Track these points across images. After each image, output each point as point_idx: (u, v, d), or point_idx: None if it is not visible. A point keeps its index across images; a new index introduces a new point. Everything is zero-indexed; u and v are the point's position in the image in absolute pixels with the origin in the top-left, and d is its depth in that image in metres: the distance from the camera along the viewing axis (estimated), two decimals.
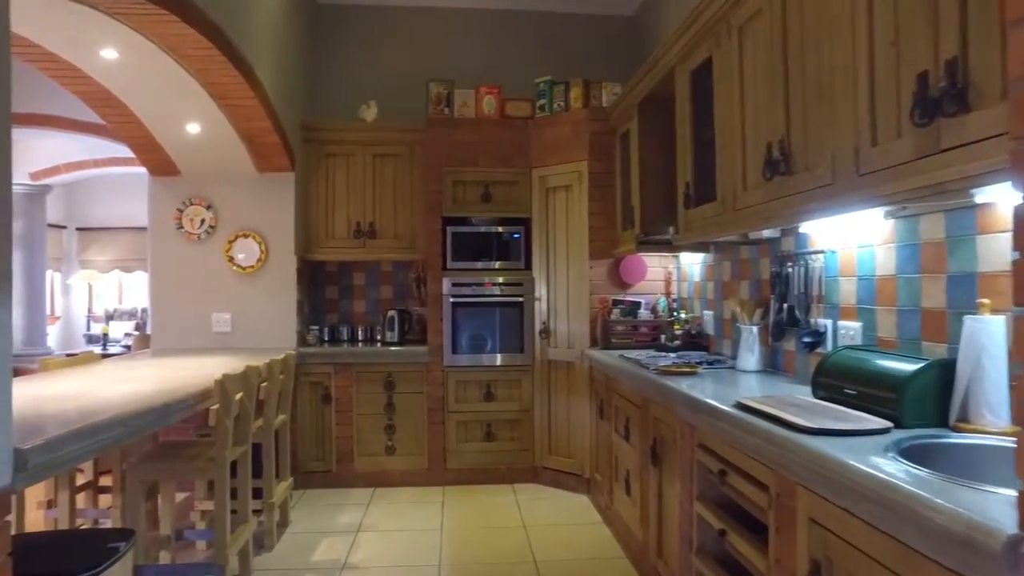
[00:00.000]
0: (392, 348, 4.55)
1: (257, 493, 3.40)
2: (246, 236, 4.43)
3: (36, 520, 3.54)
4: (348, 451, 4.48)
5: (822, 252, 2.53)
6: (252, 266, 4.44)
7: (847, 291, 2.38)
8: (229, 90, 3.55)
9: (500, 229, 4.64)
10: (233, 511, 2.98)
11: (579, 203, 4.39)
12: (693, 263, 4.06)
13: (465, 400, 4.54)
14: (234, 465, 2.97)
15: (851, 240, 2.35)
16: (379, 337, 4.78)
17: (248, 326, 4.46)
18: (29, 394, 2.47)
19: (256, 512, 3.32)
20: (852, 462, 1.33)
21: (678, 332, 3.85)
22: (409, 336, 4.81)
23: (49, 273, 8.97)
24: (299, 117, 4.62)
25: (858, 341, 2.28)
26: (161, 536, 3.05)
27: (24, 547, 1.63)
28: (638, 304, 4.27)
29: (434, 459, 4.51)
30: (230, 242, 4.43)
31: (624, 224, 4.14)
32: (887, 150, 1.58)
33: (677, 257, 4.32)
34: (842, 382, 1.97)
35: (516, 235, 4.65)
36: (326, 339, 4.78)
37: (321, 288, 5.04)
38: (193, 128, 3.94)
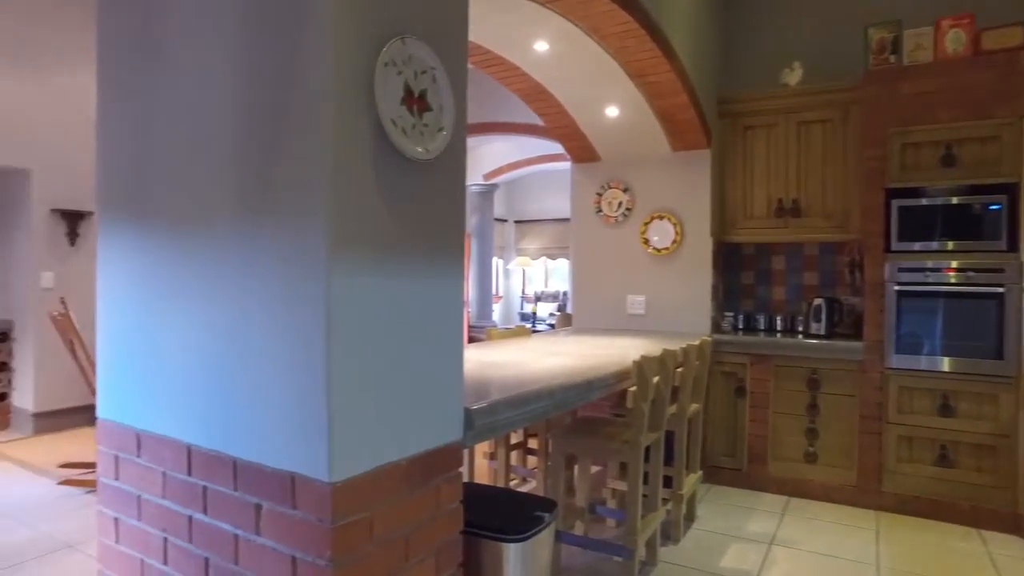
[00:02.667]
0: (818, 342, 3.95)
1: (666, 482, 3.29)
2: (661, 218, 4.38)
3: (481, 467, 4.08)
4: (761, 451, 4.08)
5: None
6: (667, 248, 4.36)
7: None
8: (646, 66, 3.48)
9: (969, 200, 3.63)
10: (644, 496, 2.91)
11: None
12: None
13: (911, 411, 3.69)
14: (647, 450, 2.89)
15: None
16: (801, 328, 4.24)
17: (661, 309, 4.41)
18: (476, 359, 2.77)
19: (663, 501, 3.21)
20: None
21: None
22: (839, 329, 4.15)
23: (494, 260, 10.60)
24: (714, 90, 4.36)
25: None
26: (576, 507, 3.17)
27: (469, 497, 1.75)
28: None
29: (866, 476, 3.79)
30: (645, 224, 4.44)
31: None
32: None
33: None
34: None
35: (994, 207, 3.57)
36: (740, 327, 4.44)
37: (736, 272, 4.71)
38: (612, 111, 4.02)
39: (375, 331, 1.44)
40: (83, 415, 5.60)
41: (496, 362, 2.73)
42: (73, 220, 5.60)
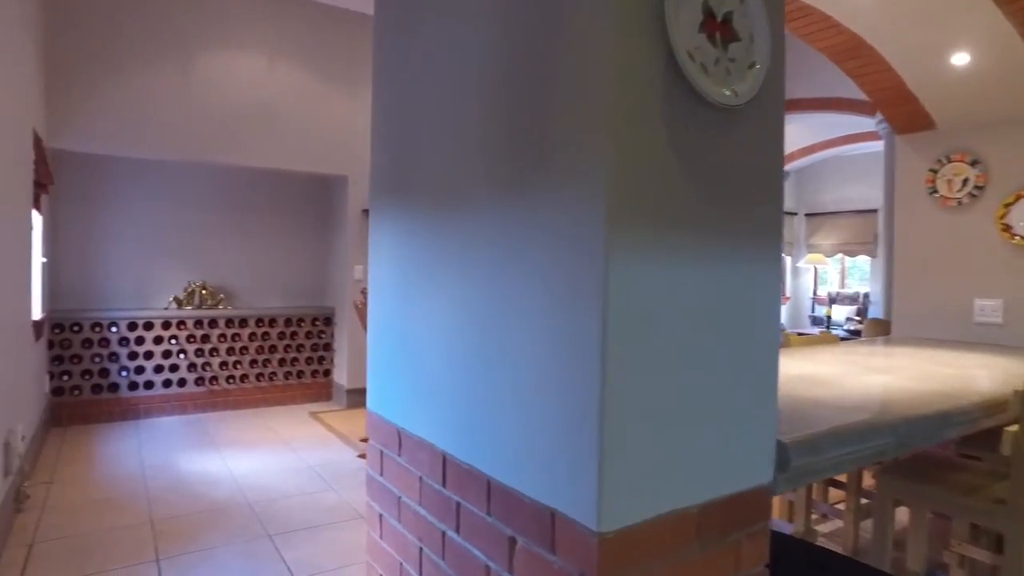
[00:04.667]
0: None
1: None
2: None
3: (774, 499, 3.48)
4: None
5: None
6: None
7: None
8: None
9: None
10: None
11: None
12: None
13: None
14: None
15: None
16: None
17: None
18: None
19: None
20: None
21: None
22: None
23: (783, 256, 9.54)
24: None
25: None
26: (908, 570, 2.45)
27: (776, 556, 1.31)
28: None
29: None
30: (1005, 206, 3.38)
31: None
32: None
33: None
34: None
35: None
36: None
37: None
38: (959, 59, 3.11)
39: (665, 333, 1.09)
40: None
41: (803, 376, 2.19)
42: None
